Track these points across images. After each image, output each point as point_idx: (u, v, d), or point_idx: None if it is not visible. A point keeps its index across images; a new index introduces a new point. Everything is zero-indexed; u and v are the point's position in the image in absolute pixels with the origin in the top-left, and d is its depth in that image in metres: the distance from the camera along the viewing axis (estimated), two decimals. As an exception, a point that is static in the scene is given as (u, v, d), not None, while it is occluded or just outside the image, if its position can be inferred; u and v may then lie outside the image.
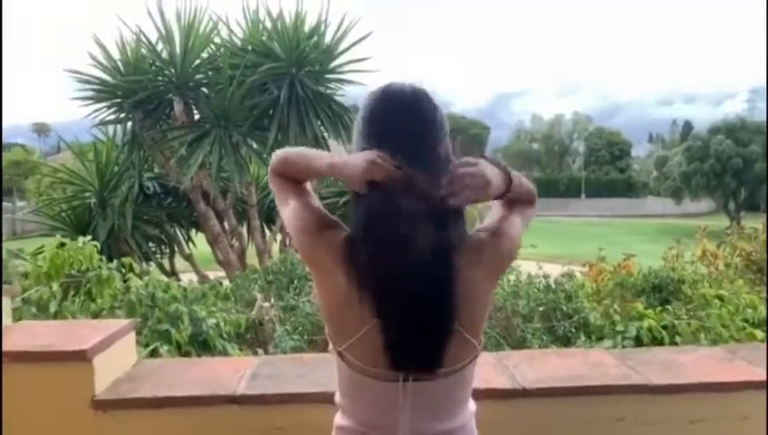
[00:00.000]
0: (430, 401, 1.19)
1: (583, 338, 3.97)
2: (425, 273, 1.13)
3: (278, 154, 1.34)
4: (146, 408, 1.90)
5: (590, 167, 55.81)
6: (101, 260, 3.37)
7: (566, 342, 4.07)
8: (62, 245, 3.33)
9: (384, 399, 1.18)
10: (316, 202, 1.30)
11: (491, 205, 1.35)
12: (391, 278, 1.13)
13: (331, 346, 1.24)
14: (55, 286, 3.06)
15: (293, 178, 1.30)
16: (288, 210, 1.27)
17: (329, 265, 1.18)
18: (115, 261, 3.51)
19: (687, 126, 56.34)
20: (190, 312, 3.08)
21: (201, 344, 3.05)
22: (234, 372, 2.06)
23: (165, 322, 2.98)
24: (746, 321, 3.60)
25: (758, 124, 36.19)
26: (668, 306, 3.81)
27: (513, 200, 1.31)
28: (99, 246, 3.41)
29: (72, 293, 3.28)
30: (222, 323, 3.20)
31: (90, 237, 3.50)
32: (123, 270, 3.44)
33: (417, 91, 1.22)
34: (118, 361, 2.06)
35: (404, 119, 1.19)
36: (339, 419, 1.28)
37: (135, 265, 3.56)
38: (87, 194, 8.08)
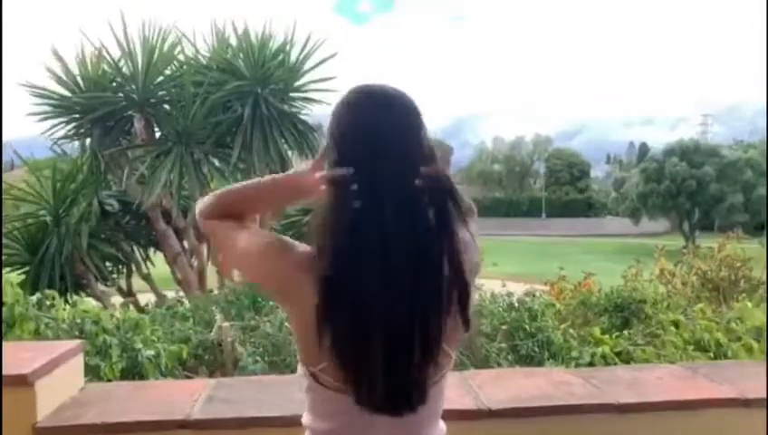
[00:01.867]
0: (411, 421, 1.14)
1: (547, 357, 3.96)
2: (407, 287, 1.05)
3: (205, 199, 1.28)
4: (92, 435, 1.79)
5: (551, 187, 56.91)
6: (18, 294, 3.12)
7: (529, 361, 4.06)
8: None
9: (364, 419, 1.12)
10: (264, 230, 1.25)
11: None
12: (367, 293, 1.05)
13: (301, 368, 1.18)
14: None
15: (231, 215, 1.24)
16: (239, 243, 1.20)
17: (298, 284, 1.11)
18: (37, 294, 3.31)
19: (644, 148, 58.11)
20: (124, 343, 2.92)
21: (136, 379, 2.90)
22: (188, 396, 1.96)
23: (93, 356, 2.83)
24: (699, 345, 3.65)
25: (711, 148, 37.64)
26: (626, 331, 3.85)
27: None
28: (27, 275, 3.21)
29: None
30: (162, 353, 3.05)
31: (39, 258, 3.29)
32: (48, 302, 3.25)
33: (391, 86, 1.20)
34: (63, 385, 1.94)
35: (389, 108, 1.15)
36: (307, 419, 1.21)
37: (76, 291, 3.35)
38: (41, 212, 7.81)
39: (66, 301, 3.67)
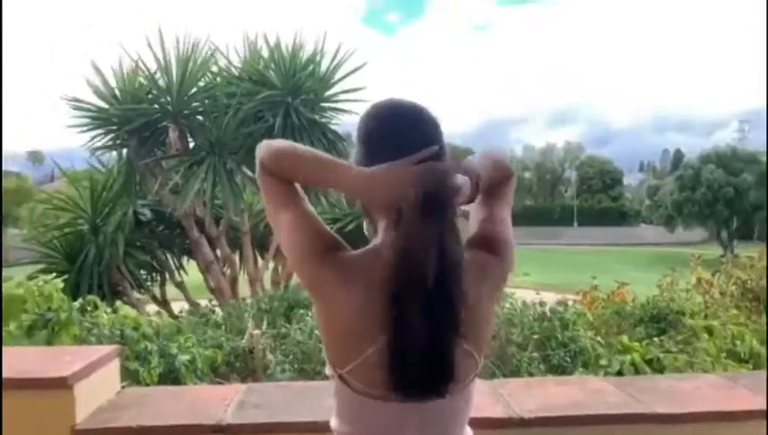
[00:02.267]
0: (438, 420, 1.15)
1: (581, 368, 3.90)
2: (438, 288, 1.05)
3: (273, 147, 1.18)
4: (128, 438, 1.82)
5: (583, 195, 56.11)
6: (63, 300, 3.22)
7: (561, 371, 4.00)
8: (30, 279, 3.23)
9: (389, 421, 1.13)
10: (311, 211, 1.20)
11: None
12: (406, 295, 1.05)
13: (329, 370, 1.18)
14: (12, 327, 2.95)
15: (285, 178, 1.18)
16: (283, 229, 1.19)
17: (336, 288, 1.12)
18: (80, 300, 3.39)
19: (678, 154, 56.88)
20: (161, 349, 2.98)
21: (173, 383, 2.95)
22: (221, 401, 1.99)
23: (133, 361, 2.89)
24: (734, 354, 3.55)
25: (749, 154, 36.59)
26: (658, 338, 3.76)
27: (492, 187, 1.26)
28: (72, 280, 3.31)
29: (36, 332, 3.15)
30: (198, 358, 3.10)
31: (77, 266, 3.40)
32: (89, 308, 3.34)
33: (414, 102, 1.22)
34: (100, 388, 1.99)
35: (418, 123, 1.18)
36: (335, 423, 1.22)
37: (113, 299, 3.44)
38: (80, 221, 8.02)
39: (106, 307, 3.78)
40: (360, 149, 1.21)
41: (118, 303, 3.80)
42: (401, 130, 1.17)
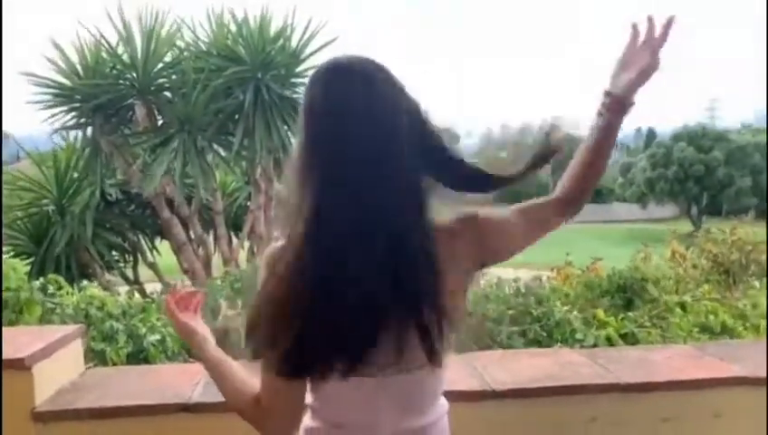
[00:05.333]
0: (406, 394, 1.12)
1: (556, 342, 3.93)
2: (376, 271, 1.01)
3: None
4: (91, 419, 1.76)
5: (557, 172, 56.56)
6: (22, 280, 3.11)
7: (537, 345, 4.03)
8: None
9: (359, 395, 1.10)
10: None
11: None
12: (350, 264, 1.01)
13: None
14: None
15: None
16: None
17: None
18: (41, 279, 3.30)
19: (651, 133, 57.69)
20: (129, 328, 2.91)
21: (143, 363, 2.89)
22: (189, 379, 1.94)
23: (99, 341, 2.81)
24: (705, 328, 3.61)
25: (719, 132, 37.28)
26: (631, 313, 3.80)
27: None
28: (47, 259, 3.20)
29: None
30: (167, 338, 3.03)
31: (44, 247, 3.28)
32: (52, 288, 3.24)
33: (368, 59, 1.08)
34: (62, 369, 1.92)
35: (367, 82, 1.04)
36: (308, 420, 1.19)
37: (82, 280, 3.31)
38: (45, 202, 7.82)
39: (72, 288, 3.67)
40: (301, 124, 1.08)
41: (84, 283, 3.69)
42: (349, 97, 1.03)
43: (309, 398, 1.18)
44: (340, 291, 1.01)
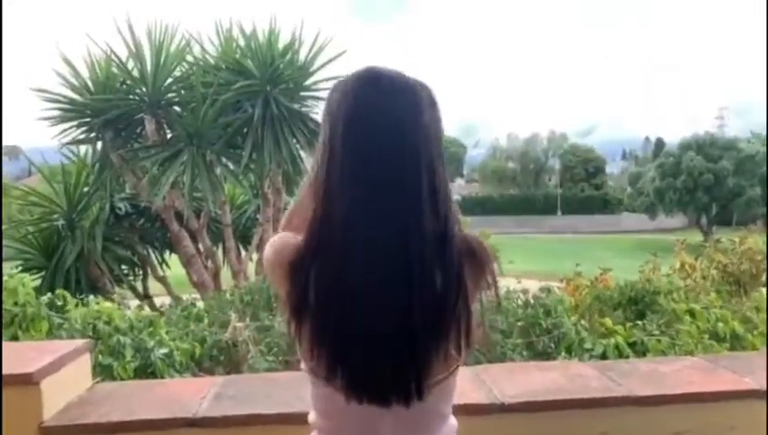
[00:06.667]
0: (415, 415, 1.10)
1: (564, 353, 3.90)
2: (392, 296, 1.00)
3: None
4: (98, 434, 1.76)
5: (566, 184, 56.35)
6: (30, 295, 3.13)
7: (546, 357, 4.00)
8: None
9: (365, 417, 1.08)
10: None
11: None
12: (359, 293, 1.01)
13: (303, 364, 1.14)
14: None
15: None
16: None
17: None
18: (48, 294, 3.31)
19: (660, 143, 57.41)
20: (136, 343, 2.91)
21: (150, 378, 2.88)
22: (196, 394, 1.93)
23: (106, 355, 2.81)
24: (716, 336, 3.57)
25: (728, 141, 37.07)
26: (641, 321, 3.77)
27: None
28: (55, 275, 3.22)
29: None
30: (175, 352, 3.03)
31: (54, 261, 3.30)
32: (59, 303, 3.25)
33: (403, 73, 1.09)
34: (69, 384, 1.92)
35: (396, 96, 1.05)
36: None
37: (92, 295, 3.34)
38: (55, 216, 7.87)
39: (79, 302, 3.68)
40: (323, 129, 1.10)
41: (90, 297, 3.70)
42: (374, 108, 1.04)
43: (313, 416, 1.18)
44: (370, 306, 1.01)
